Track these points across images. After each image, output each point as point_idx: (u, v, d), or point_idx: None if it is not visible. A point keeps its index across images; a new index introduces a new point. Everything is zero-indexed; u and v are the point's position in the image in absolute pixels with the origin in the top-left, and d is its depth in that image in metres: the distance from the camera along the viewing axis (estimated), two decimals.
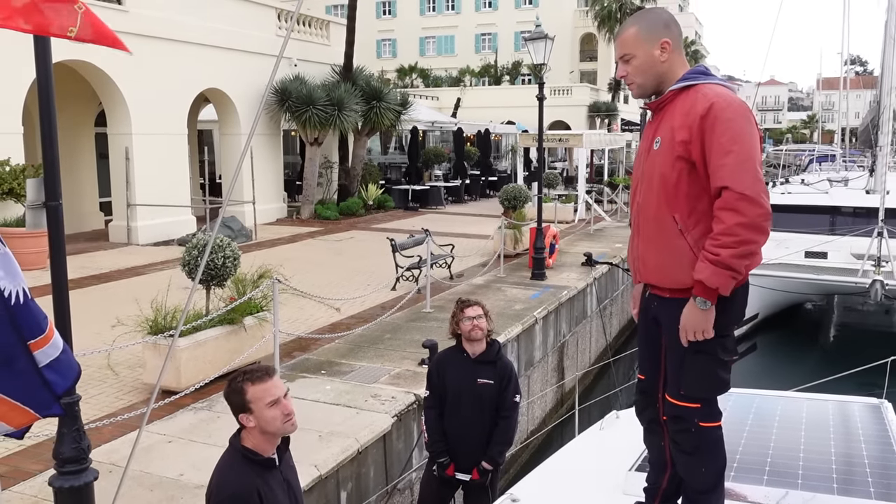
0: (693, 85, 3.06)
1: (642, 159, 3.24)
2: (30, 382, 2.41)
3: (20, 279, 2.36)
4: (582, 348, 12.84)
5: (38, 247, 11.62)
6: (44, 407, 2.47)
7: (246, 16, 19.59)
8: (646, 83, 3.19)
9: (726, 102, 2.94)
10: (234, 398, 2.88)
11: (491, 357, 4.94)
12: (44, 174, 3.88)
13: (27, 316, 2.37)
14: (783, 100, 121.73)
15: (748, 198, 2.82)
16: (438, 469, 4.98)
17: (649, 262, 3.24)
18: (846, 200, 16.92)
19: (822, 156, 41.59)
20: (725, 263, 2.88)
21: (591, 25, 52.60)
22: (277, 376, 2.99)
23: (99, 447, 5.61)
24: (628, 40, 3.17)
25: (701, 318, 3.01)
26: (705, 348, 3.09)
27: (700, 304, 2.98)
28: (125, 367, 7.73)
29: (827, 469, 3.85)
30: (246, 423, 2.87)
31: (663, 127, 3.11)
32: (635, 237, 3.33)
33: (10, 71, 12.50)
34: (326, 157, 23.07)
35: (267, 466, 2.91)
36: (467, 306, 4.91)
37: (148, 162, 16.30)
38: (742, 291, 3.15)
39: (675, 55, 3.15)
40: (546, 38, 13.11)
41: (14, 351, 2.36)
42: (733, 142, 2.88)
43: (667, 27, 3.15)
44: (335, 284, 12.12)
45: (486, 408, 4.88)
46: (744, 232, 2.84)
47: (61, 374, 2.53)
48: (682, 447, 3.24)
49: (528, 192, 16.45)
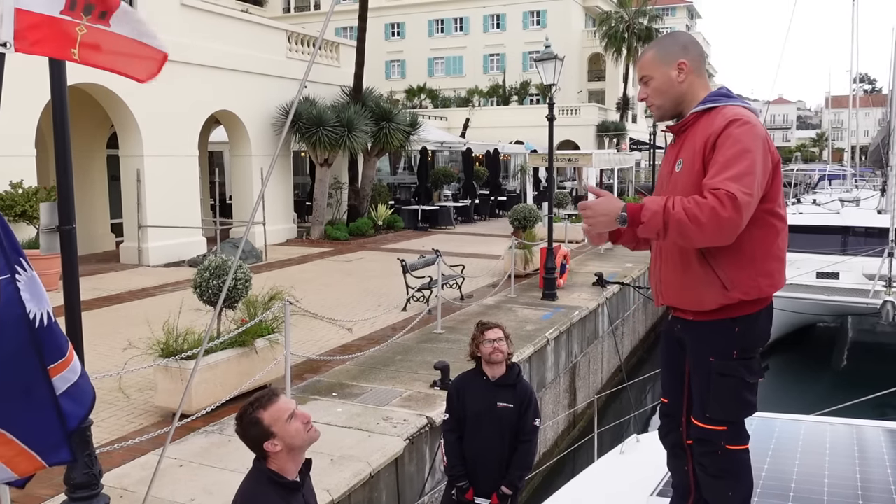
0: (715, 107, 3.04)
1: (664, 182, 3.21)
2: (44, 418, 2.38)
3: (45, 302, 2.37)
4: (594, 369, 12.76)
5: (50, 268, 11.61)
6: (52, 451, 2.43)
7: (256, 39, 19.76)
8: (665, 105, 3.18)
9: (742, 123, 2.91)
10: (254, 430, 2.85)
11: (511, 380, 4.89)
12: (58, 198, 3.89)
13: (50, 339, 2.38)
14: (792, 118, 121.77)
15: (737, 200, 2.75)
16: (458, 493, 4.93)
17: (672, 286, 3.20)
18: (858, 220, 16.83)
19: (832, 174, 41.52)
20: (670, 220, 2.80)
21: (598, 45, 52.85)
22: (282, 395, 3.00)
23: (110, 471, 5.57)
24: (646, 63, 3.19)
25: (607, 212, 2.93)
26: (731, 371, 3.06)
27: (620, 219, 2.90)
28: (136, 389, 7.71)
29: (853, 496, 3.77)
30: (272, 449, 2.84)
31: (685, 149, 3.09)
32: (657, 260, 3.29)
33: (24, 94, 12.59)
34: (336, 178, 23.14)
35: (292, 489, 2.89)
36: (488, 329, 4.87)
37: (159, 183, 16.38)
38: (766, 314, 3.11)
39: (693, 77, 3.13)
40: (556, 59, 13.15)
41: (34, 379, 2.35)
42: (738, 158, 2.84)
43: (685, 49, 3.14)
44: (346, 305, 12.10)
45: (506, 432, 4.83)
46: (709, 219, 2.76)
47: (78, 402, 2.51)
48: (708, 471, 3.18)
49: (537, 211, 16.43)
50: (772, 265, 3.05)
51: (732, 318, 3.04)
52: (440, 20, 60.09)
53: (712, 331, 3.09)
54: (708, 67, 70.50)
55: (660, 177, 3.35)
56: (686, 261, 3.09)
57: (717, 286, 3.00)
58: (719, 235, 2.81)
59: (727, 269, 2.99)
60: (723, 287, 3.00)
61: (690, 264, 3.07)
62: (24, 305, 2.29)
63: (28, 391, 2.33)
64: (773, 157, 2.98)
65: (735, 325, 3.05)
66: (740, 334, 3.05)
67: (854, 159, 41.33)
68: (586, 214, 2.99)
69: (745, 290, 3.00)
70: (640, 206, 2.91)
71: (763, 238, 3.00)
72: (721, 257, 2.99)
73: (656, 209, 2.84)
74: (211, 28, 17.97)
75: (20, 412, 2.34)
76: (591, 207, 2.99)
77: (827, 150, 64.70)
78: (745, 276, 2.99)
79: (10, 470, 2.42)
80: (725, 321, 3.05)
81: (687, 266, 3.09)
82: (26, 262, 2.33)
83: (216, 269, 7.21)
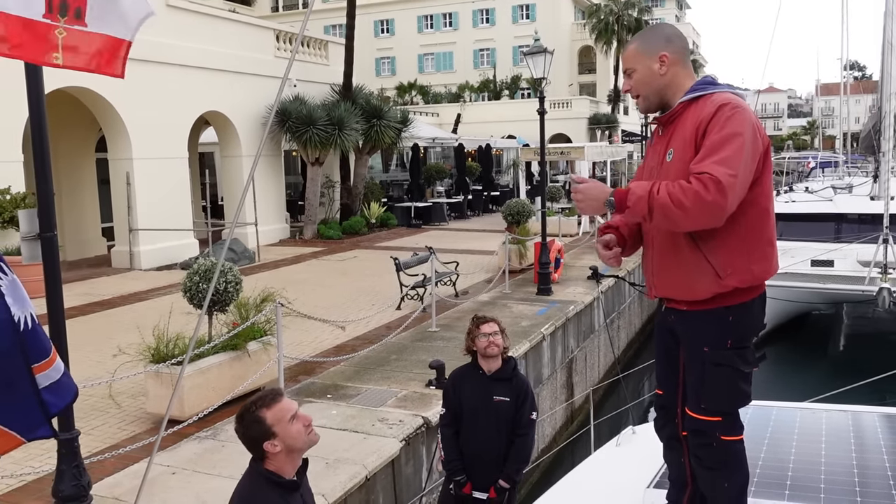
0: (703, 95, 3.06)
1: (655, 173, 3.19)
2: (25, 404, 2.40)
3: (28, 304, 2.36)
4: (591, 363, 12.71)
5: (38, 275, 11.51)
6: (31, 429, 2.43)
7: (245, 38, 19.64)
8: (649, 96, 3.21)
9: (732, 107, 2.93)
10: (255, 429, 2.82)
11: (507, 374, 4.90)
12: (38, 205, 3.81)
13: (35, 341, 2.38)
14: (783, 107, 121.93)
15: (721, 184, 2.78)
16: (455, 488, 4.92)
17: (665, 276, 3.19)
18: (851, 207, 16.82)
19: (825, 161, 41.59)
20: (654, 205, 2.87)
21: (588, 38, 52.87)
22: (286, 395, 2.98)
23: (101, 480, 5.50)
24: (629, 55, 3.23)
25: (595, 197, 3.06)
26: (725, 361, 3.06)
27: (608, 203, 3.02)
28: (127, 396, 7.62)
29: (849, 482, 3.76)
30: (271, 449, 2.83)
31: (676, 138, 3.09)
32: (649, 250, 3.29)
33: (10, 99, 12.47)
34: (328, 177, 23.05)
35: (290, 489, 2.88)
36: (483, 323, 4.89)
37: (149, 186, 16.27)
38: (759, 302, 3.12)
39: (676, 69, 3.15)
40: (545, 52, 13.08)
41: (17, 375, 2.36)
42: (725, 141, 2.86)
43: (668, 41, 3.16)
44: (339, 305, 12.02)
45: (503, 425, 4.84)
46: (693, 203, 2.80)
47: (59, 396, 2.53)
48: (704, 462, 3.19)
49: (531, 206, 16.37)
50: (765, 250, 3.06)
51: (726, 306, 3.05)
52: (429, 16, 60.02)
53: (706, 320, 3.09)
54: (698, 58, 70.69)
55: (646, 168, 3.33)
56: (678, 250, 3.09)
57: (711, 274, 3.01)
58: (704, 218, 2.85)
59: (720, 256, 2.99)
60: (716, 275, 3.00)
61: (682, 254, 3.08)
62: (8, 310, 2.28)
63: (10, 385, 2.35)
64: (764, 141, 3.00)
65: (729, 314, 3.06)
66: (734, 323, 3.06)
67: (846, 147, 41.38)
68: (577, 198, 3.11)
69: (740, 277, 3.00)
70: (626, 190, 2.97)
71: (754, 223, 3.02)
72: (713, 244, 3.00)
73: (641, 194, 2.91)
74: (198, 28, 17.83)
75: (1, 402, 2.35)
76: (582, 191, 3.10)
77: (818, 138, 64.71)
78: (738, 263, 3.00)
79: None
80: (719, 310, 3.06)
81: (679, 255, 3.09)
82: (6, 266, 2.33)
83: (206, 273, 7.12)
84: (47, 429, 2.47)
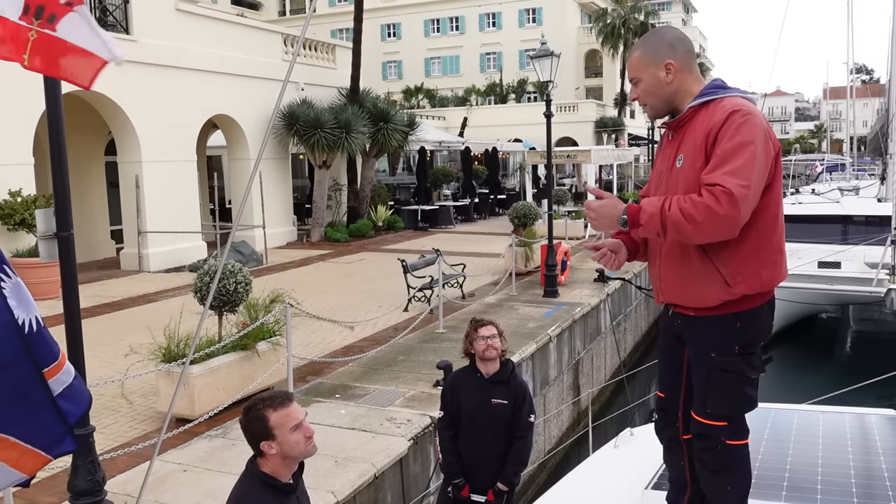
0: (713, 100, 3.00)
1: (664, 178, 3.16)
2: (44, 417, 2.38)
3: (33, 307, 2.35)
4: (597, 365, 12.75)
5: (51, 276, 11.63)
6: (56, 444, 2.43)
7: (253, 42, 19.75)
8: (657, 105, 3.16)
9: (743, 114, 2.87)
10: (256, 426, 2.84)
11: (505, 377, 4.89)
12: (54, 205, 3.89)
13: (41, 344, 2.36)
14: (790, 110, 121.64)
15: (733, 196, 2.74)
16: (454, 490, 4.92)
17: (672, 282, 3.16)
18: (858, 209, 16.80)
19: (832, 165, 41.46)
20: (667, 222, 2.84)
21: (595, 42, 52.86)
22: (296, 400, 2.98)
23: (114, 478, 5.57)
24: (634, 64, 3.17)
25: (609, 216, 3.03)
26: (732, 366, 3.03)
27: (621, 221, 2.99)
28: (139, 395, 7.71)
29: (846, 484, 3.76)
30: (268, 450, 2.83)
31: (686, 144, 3.04)
32: (656, 257, 3.24)
33: (20, 102, 12.60)
34: (335, 180, 23.13)
35: (286, 492, 2.88)
36: (481, 325, 4.88)
37: (158, 189, 16.38)
38: (767, 308, 3.08)
39: (683, 75, 3.09)
40: (552, 56, 13.14)
41: (30, 383, 2.34)
42: (737, 150, 2.81)
43: (671, 48, 3.10)
44: (347, 307, 12.09)
45: (501, 428, 4.84)
46: (705, 218, 2.76)
47: (74, 402, 2.50)
48: (708, 465, 3.15)
49: (537, 209, 16.42)
50: (774, 256, 3.01)
51: (734, 313, 3.01)
52: (436, 20, 60.06)
53: (713, 326, 3.05)
54: (704, 61, 70.59)
55: (655, 173, 3.30)
56: (686, 257, 3.05)
57: (719, 282, 2.96)
58: (718, 232, 2.82)
59: (729, 263, 2.95)
60: (725, 283, 2.96)
61: (690, 260, 3.03)
62: (11, 312, 2.26)
63: (26, 395, 2.33)
64: (775, 147, 2.95)
65: (737, 321, 3.02)
66: (742, 329, 3.02)
67: (853, 150, 41.25)
68: (590, 216, 3.08)
69: (749, 283, 2.96)
70: (638, 207, 2.92)
71: (765, 230, 2.96)
72: (722, 251, 2.95)
73: (653, 211, 2.87)
74: (206, 33, 17.95)
75: (20, 416, 2.34)
76: (595, 210, 3.07)
77: (826, 141, 64.55)
78: (747, 269, 2.95)
79: (17, 471, 2.42)
80: (727, 316, 3.02)
81: (687, 262, 3.05)
82: (10, 269, 2.31)
83: (216, 274, 7.19)
84: (71, 441, 2.44)
